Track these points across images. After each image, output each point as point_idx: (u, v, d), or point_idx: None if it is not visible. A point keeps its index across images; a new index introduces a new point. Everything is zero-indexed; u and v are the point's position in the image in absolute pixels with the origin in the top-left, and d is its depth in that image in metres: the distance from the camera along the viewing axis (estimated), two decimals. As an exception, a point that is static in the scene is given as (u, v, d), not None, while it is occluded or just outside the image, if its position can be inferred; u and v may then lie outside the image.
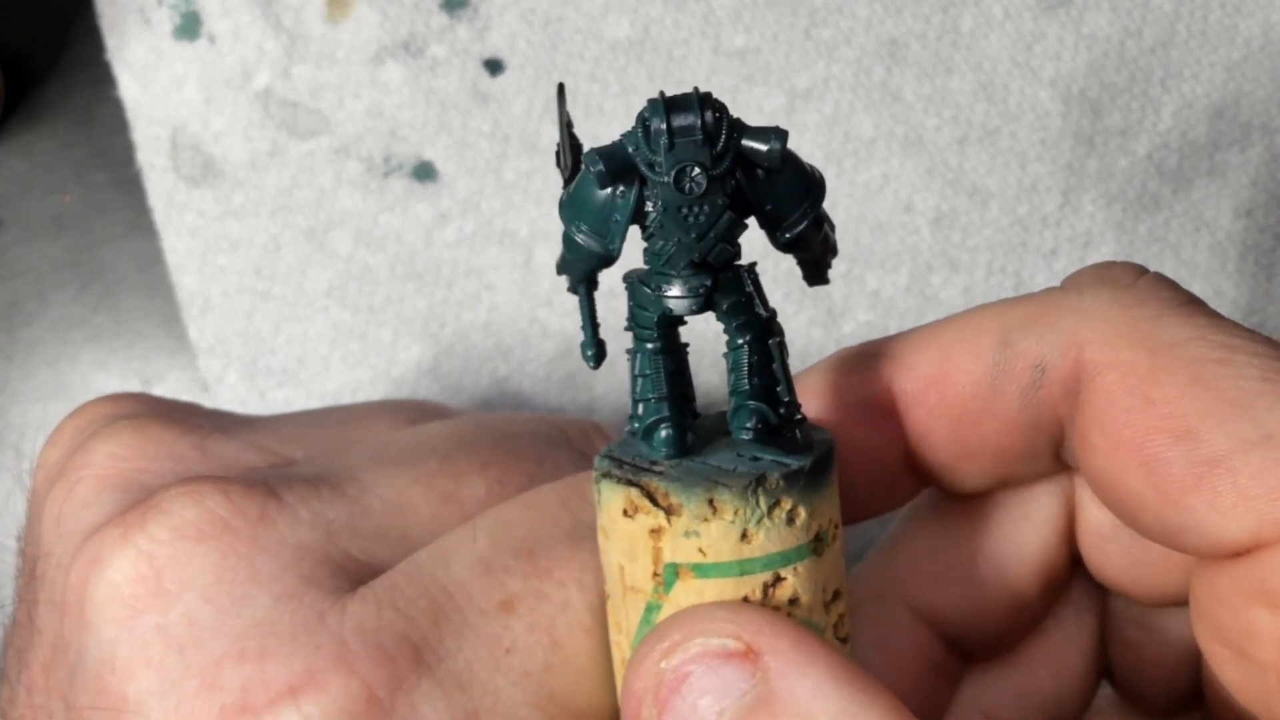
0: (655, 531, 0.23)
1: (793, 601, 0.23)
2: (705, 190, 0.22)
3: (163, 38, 0.46)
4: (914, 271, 0.45)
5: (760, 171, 0.23)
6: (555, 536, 0.27)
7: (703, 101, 0.22)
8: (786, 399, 0.24)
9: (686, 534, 0.23)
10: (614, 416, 0.45)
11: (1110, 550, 0.28)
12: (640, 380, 0.24)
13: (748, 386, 0.24)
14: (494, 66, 0.46)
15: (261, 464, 0.30)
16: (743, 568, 0.23)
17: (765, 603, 0.23)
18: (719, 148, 0.22)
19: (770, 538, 0.23)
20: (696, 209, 0.23)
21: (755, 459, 0.23)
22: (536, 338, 0.45)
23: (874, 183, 0.45)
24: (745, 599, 0.23)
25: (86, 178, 0.47)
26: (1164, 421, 0.23)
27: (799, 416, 0.24)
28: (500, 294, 0.45)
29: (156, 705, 0.25)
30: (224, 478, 0.28)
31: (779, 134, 0.22)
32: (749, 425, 0.24)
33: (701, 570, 0.23)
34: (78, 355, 0.46)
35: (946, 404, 0.26)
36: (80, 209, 0.47)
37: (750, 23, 0.46)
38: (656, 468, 0.24)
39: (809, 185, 0.24)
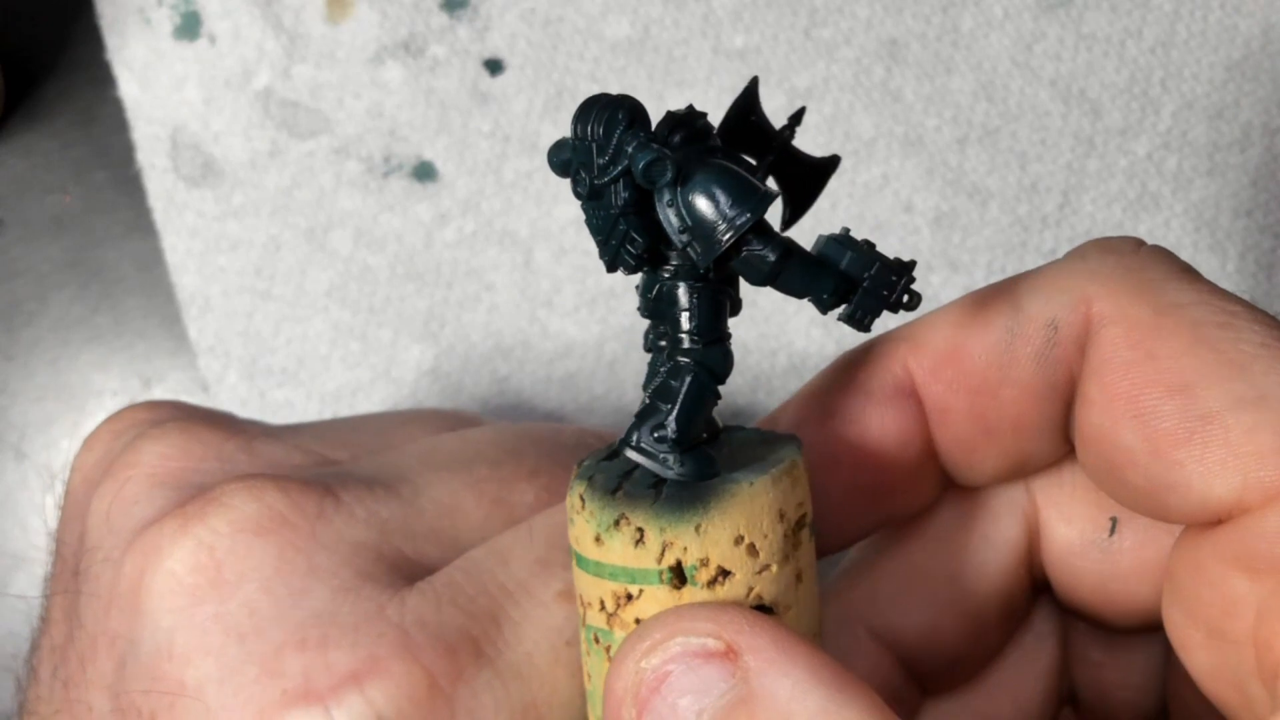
0: (568, 511, 0.24)
1: (639, 623, 0.23)
2: (588, 195, 0.22)
3: (163, 38, 0.46)
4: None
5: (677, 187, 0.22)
6: None
7: (598, 108, 0.22)
8: (667, 423, 0.23)
9: (570, 519, 0.24)
10: (613, 417, 0.45)
11: (1080, 567, 0.28)
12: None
13: (644, 401, 0.23)
14: (494, 66, 0.46)
15: (307, 465, 0.30)
16: (598, 569, 0.23)
17: (619, 612, 0.23)
18: (605, 158, 0.22)
19: (616, 550, 0.23)
20: (596, 211, 0.23)
21: (648, 474, 0.23)
22: (536, 338, 0.45)
23: (874, 183, 0.45)
24: (602, 602, 0.23)
25: (86, 178, 0.47)
26: (1162, 376, 0.23)
27: (670, 443, 0.23)
28: (500, 294, 0.45)
29: (215, 691, 0.25)
30: (282, 475, 0.28)
31: (652, 154, 0.21)
32: (625, 439, 0.23)
33: (578, 559, 0.24)
34: (78, 355, 0.46)
35: (963, 376, 0.26)
36: (80, 209, 0.47)
37: (750, 23, 0.46)
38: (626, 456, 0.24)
39: (733, 204, 0.22)
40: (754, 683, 0.21)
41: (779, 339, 0.45)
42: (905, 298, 0.23)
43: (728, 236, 0.22)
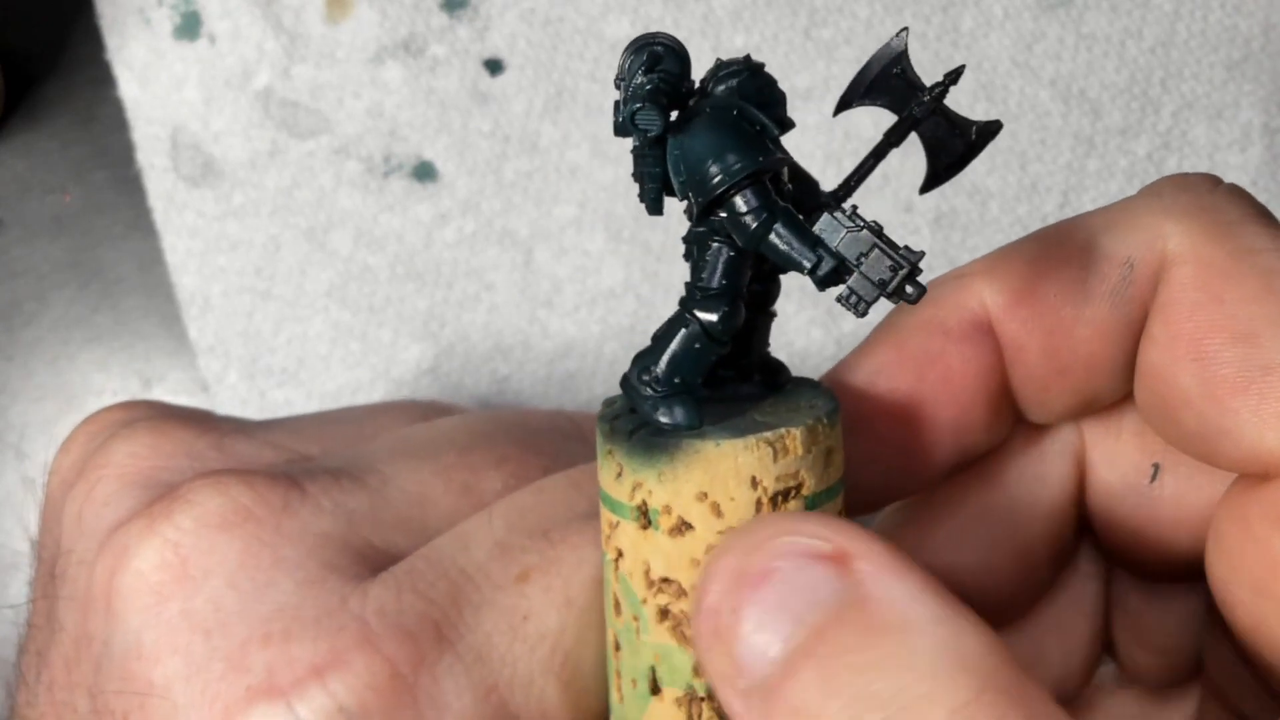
0: None
1: (620, 555, 0.24)
2: (615, 132, 0.23)
3: (163, 38, 0.46)
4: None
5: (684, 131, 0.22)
6: (569, 517, 0.28)
7: (634, 47, 0.22)
8: (653, 367, 0.23)
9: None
10: (614, 416, 0.45)
11: (1119, 511, 0.28)
12: None
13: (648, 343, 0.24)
14: (494, 66, 0.46)
15: (279, 460, 0.31)
16: (601, 493, 0.24)
17: (612, 536, 0.24)
18: (624, 97, 0.22)
19: (607, 479, 0.24)
20: (632, 146, 0.23)
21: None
22: (536, 338, 0.45)
23: (874, 182, 0.45)
24: (605, 525, 0.24)
25: (86, 178, 0.47)
26: (1228, 321, 0.23)
27: (652, 386, 0.23)
28: (500, 294, 0.45)
29: (183, 688, 0.25)
30: (247, 470, 0.28)
31: (640, 103, 0.22)
32: (625, 375, 0.24)
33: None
34: (78, 355, 0.46)
35: (1038, 315, 0.26)
36: (80, 209, 0.47)
37: (750, 23, 0.46)
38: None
39: (733, 155, 0.22)
40: (869, 585, 0.21)
41: (779, 338, 0.45)
42: (908, 289, 0.22)
43: (717, 180, 0.22)
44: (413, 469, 0.30)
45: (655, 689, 0.24)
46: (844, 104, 0.24)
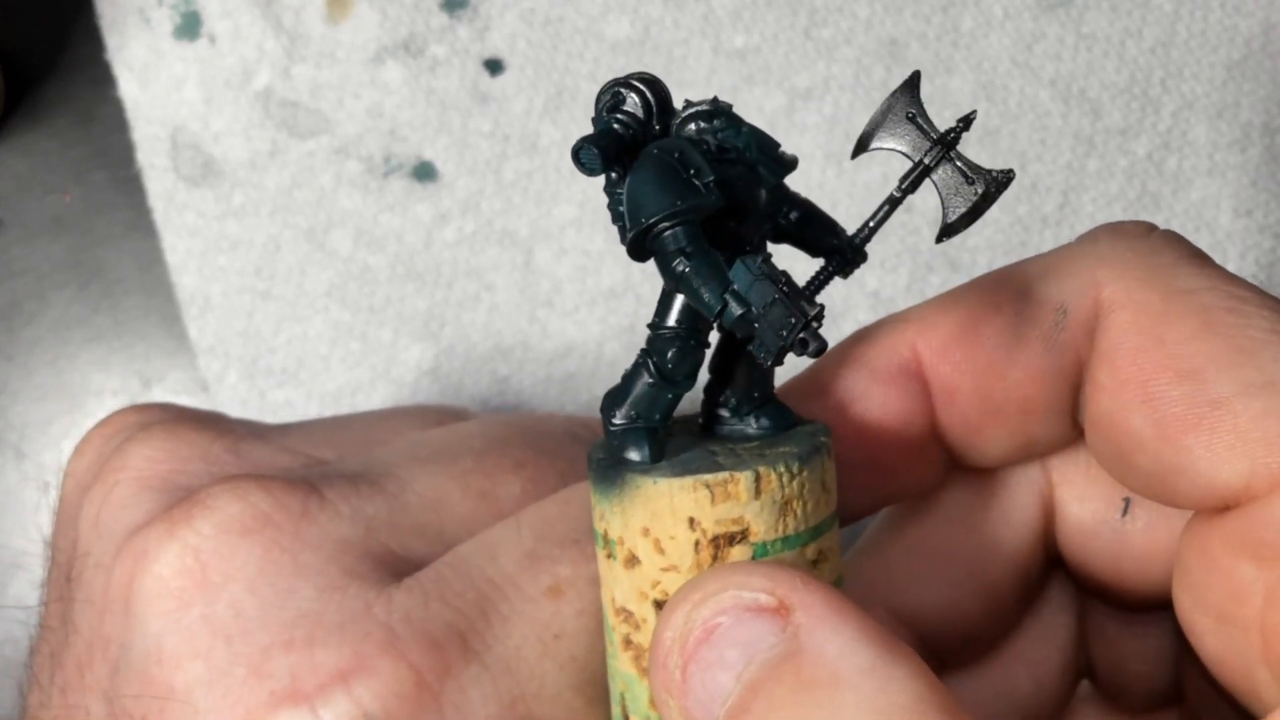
0: None
1: (599, 582, 0.24)
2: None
3: (163, 38, 0.46)
4: (914, 271, 0.45)
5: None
6: None
7: (605, 86, 0.23)
8: (616, 408, 0.24)
9: None
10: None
11: (1092, 547, 0.28)
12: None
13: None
14: (494, 66, 0.46)
15: (294, 465, 0.31)
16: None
17: (600, 563, 0.24)
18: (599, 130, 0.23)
19: (591, 506, 0.24)
20: (603, 185, 0.23)
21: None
22: (536, 338, 0.45)
23: (874, 183, 0.45)
24: None
25: (86, 178, 0.47)
26: (1171, 361, 0.23)
27: (613, 425, 0.23)
28: (500, 294, 0.45)
29: (204, 693, 0.25)
30: (266, 475, 0.28)
31: (581, 142, 0.22)
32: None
33: None
34: (78, 355, 0.46)
35: (971, 358, 0.26)
36: (80, 209, 0.47)
37: (750, 23, 0.46)
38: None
39: (663, 195, 0.22)
40: (804, 638, 0.21)
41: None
42: (809, 342, 0.22)
43: (637, 219, 0.22)
44: (429, 474, 0.30)
45: (626, 716, 0.24)
46: (859, 148, 0.24)
